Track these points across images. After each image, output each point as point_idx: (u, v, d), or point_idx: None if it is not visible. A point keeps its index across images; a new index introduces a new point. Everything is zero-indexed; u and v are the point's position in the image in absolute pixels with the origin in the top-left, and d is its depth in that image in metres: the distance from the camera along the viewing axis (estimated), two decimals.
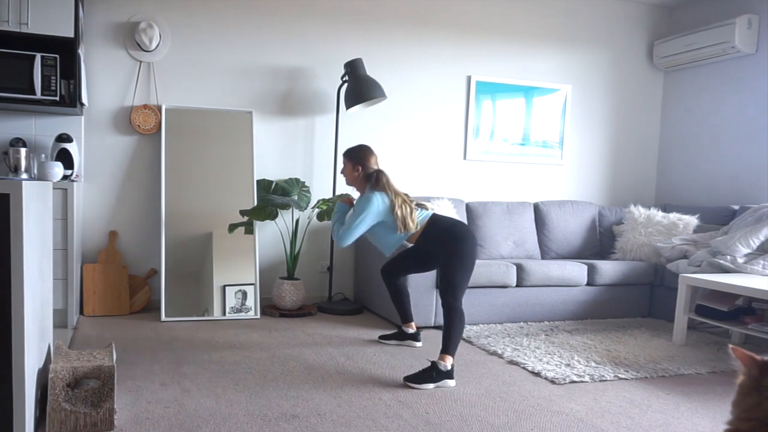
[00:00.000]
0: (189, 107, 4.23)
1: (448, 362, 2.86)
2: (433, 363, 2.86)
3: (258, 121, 4.39)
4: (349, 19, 4.54)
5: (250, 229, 4.18)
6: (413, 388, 2.79)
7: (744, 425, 1.19)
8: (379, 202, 3.07)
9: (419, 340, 3.53)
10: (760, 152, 4.59)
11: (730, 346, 1.27)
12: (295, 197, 4.29)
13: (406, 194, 3.18)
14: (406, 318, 3.56)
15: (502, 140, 5.02)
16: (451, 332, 2.91)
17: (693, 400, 2.78)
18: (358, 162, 3.21)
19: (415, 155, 4.81)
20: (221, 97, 4.31)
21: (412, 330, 3.54)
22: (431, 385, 2.81)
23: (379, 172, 3.17)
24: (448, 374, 2.85)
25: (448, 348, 2.89)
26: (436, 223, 3.12)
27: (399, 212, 3.07)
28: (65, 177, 3.63)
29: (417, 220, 3.11)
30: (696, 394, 2.87)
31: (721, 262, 3.90)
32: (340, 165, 4.51)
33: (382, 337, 3.61)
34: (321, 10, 4.47)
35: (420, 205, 3.23)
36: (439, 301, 3.94)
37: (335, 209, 3.31)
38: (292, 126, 4.49)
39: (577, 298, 4.33)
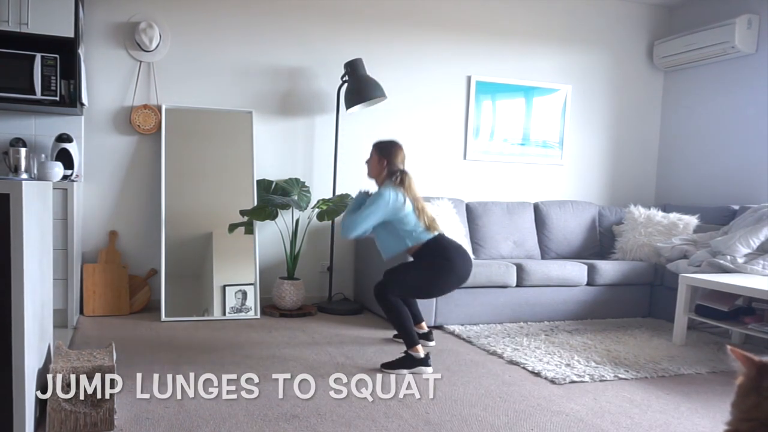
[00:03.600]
0: (189, 107, 4.23)
1: (420, 351, 3.01)
2: (407, 353, 3.02)
3: (258, 121, 4.39)
4: (349, 19, 4.54)
5: (250, 229, 4.18)
6: (389, 373, 2.97)
7: (743, 426, 1.19)
8: (391, 197, 3.08)
9: (432, 340, 3.53)
10: (760, 152, 4.59)
11: (729, 346, 1.27)
12: (295, 197, 4.29)
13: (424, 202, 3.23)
14: (416, 319, 3.53)
15: (502, 140, 5.02)
16: (397, 326, 3.06)
17: (693, 400, 2.78)
18: (386, 156, 3.21)
19: (415, 155, 4.79)
20: (221, 97, 4.31)
21: (423, 330, 3.52)
22: (405, 371, 2.97)
23: (404, 173, 3.18)
24: (423, 361, 3.01)
25: (407, 341, 3.03)
26: (438, 241, 3.16)
27: (424, 217, 3.13)
28: (65, 177, 3.63)
29: (436, 228, 3.16)
30: (696, 394, 2.87)
31: (721, 262, 3.90)
32: (340, 165, 4.53)
33: (396, 336, 3.59)
34: (321, 10, 4.47)
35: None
36: (440, 302, 3.94)
37: (353, 200, 3.31)
38: (292, 126, 4.49)
39: (577, 298, 4.33)
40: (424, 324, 3.56)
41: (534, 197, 5.13)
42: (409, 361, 3.00)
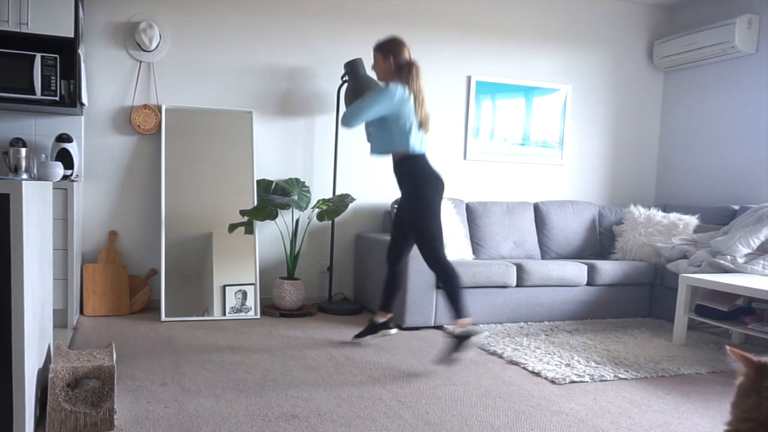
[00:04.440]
0: (189, 107, 4.23)
1: (467, 323, 3.06)
2: (459, 334, 3.04)
3: (258, 121, 4.39)
4: (349, 19, 4.54)
5: (250, 229, 4.18)
6: (460, 350, 3.02)
7: (743, 426, 1.19)
8: (398, 91, 3.05)
9: (392, 327, 3.48)
10: (760, 152, 4.60)
11: (728, 347, 1.27)
12: (295, 197, 4.29)
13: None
14: (387, 307, 3.44)
15: (502, 140, 5.02)
16: (458, 294, 3.07)
17: (693, 400, 2.78)
18: (389, 52, 3.17)
19: None
20: (221, 97, 4.31)
21: (383, 319, 3.45)
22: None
23: (412, 65, 3.13)
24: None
25: (459, 312, 3.06)
26: (423, 159, 3.15)
27: (421, 111, 3.09)
28: (65, 177, 3.63)
29: (425, 130, 3.15)
30: (696, 394, 2.87)
31: (721, 262, 3.90)
32: (340, 165, 4.53)
33: (356, 337, 3.51)
34: (321, 10, 4.47)
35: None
36: (439, 302, 3.94)
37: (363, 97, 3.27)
38: (292, 126, 4.49)
39: (577, 298, 4.33)
40: (389, 315, 3.46)
41: (534, 197, 5.13)
42: (465, 339, 3.02)
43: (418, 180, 3.12)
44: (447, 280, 3.10)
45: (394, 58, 3.16)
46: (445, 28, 4.78)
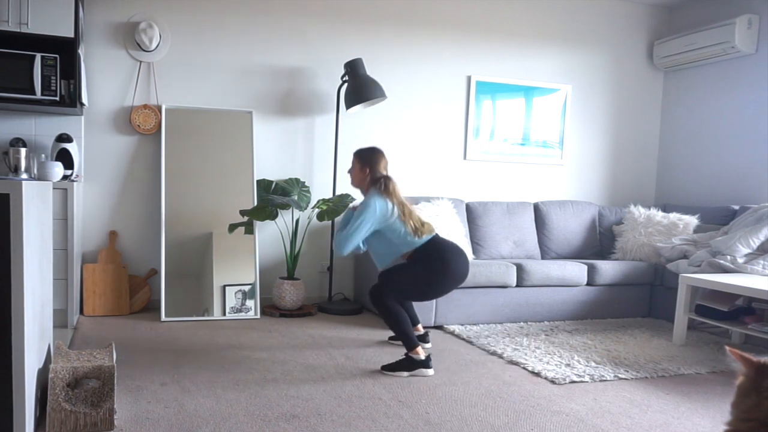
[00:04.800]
0: (189, 107, 4.23)
1: (421, 354, 2.99)
2: (407, 355, 3.00)
3: (258, 121, 4.39)
4: (349, 19, 4.54)
5: (250, 229, 4.18)
6: (389, 375, 2.95)
7: (743, 426, 1.19)
8: (378, 206, 3.04)
9: (428, 342, 3.50)
10: (760, 152, 4.60)
11: (727, 347, 1.27)
12: (295, 197, 4.29)
13: (412, 205, 3.19)
14: (412, 321, 3.52)
15: (502, 140, 5.02)
16: (396, 330, 3.03)
17: (693, 400, 2.78)
18: (367, 163, 3.19)
19: (415, 155, 4.81)
20: (221, 97, 4.31)
21: (419, 332, 3.50)
22: (405, 373, 2.96)
23: (387, 179, 3.14)
24: (423, 363, 2.98)
25: (407, 344, 3.01)
26: (433, 242, 3.12)
27: (411, 222, 3.07)
28: (65, 177, 3.63)
29: (426, 231, 3.12)
30: (696, 394, 2.87)
31: (721, 262, 3.90)
32: (340, 165, 4.53)
33: (392, 338, 3.59)
34: (321, 10, 4.47)
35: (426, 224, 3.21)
36: (439, 302, 3.95)
37: (342, 218, 3.29)
38: (292, 126, 4.49)
39: (577, 298, 4.33)
40: (420, 326, 3.54)
41: (534, 197, 5.13)
42: (409, 364, 2.98)
43: (434, 261, 3.07)
44: (386, 319, 3.06)
45: (370, 170, 3.18)
46: (445, 28, 4.78)
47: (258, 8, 4.34)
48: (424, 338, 3.50)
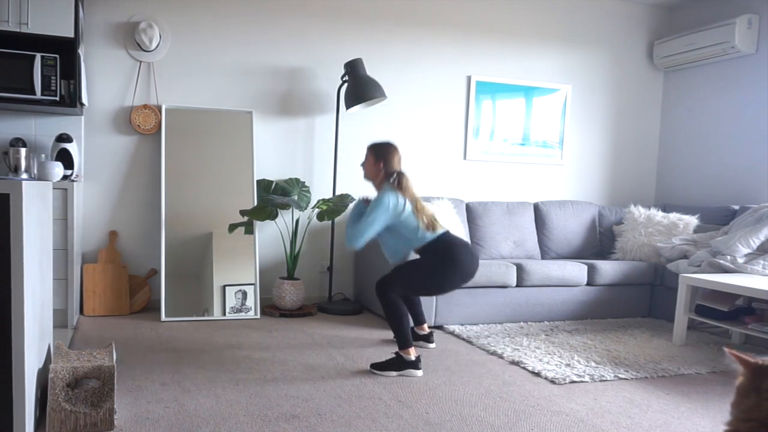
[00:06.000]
0: (189, 107, 4.23)
1: (412, 354, 2.99)
2: (398, 354, 3.00)
3: (258, 121, 4.39)
4: (349, 19, 4.54)
5: (250, 229, 4.18)
6: (377, 374, 2.96)
7: (743, 426, 1.20)
8: (391, 201, 3.04)
9: (432, 342, 3.50)
10: (760, 152, 4.59)
11: (726, 348, 1.27)
12: (295, 197, 4.29)
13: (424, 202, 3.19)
14: (418, 320, 3.53)
15: (502, 140, 5.02)
16: (393, 325, 3.02)
17: (693, 400, 2.78)
18: (382, 157, 3.18)
19: (415, 155, 4.80)
20: (221, 97, 4.31)
21: (424, 332, 3.51)
22: (394, 373, 2.97)
23: (401, 174, 3.14)
24: (413, 364, 2.98)
25: (400, 342, 3.00)
26: (444, 238, 3.12)
27: (423, 217, 3.08)
28: (65, 177, 3.63)
29: (439, 227, 3.12)
30: (696, 394, 2.87)
31: (721, 262, 3.90)
32: (340, 165, 4.53)
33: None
34: (321, 10, 4.47)
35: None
36: (440, 302, 3.94)
37: (352, 210, 3.27)
38: (292, 126, 4.49)
39: (577, 298, 4.33)
40: (425, 326, 3.54)
41: (534, 197, 5.13)
42: (399, 363, 2.97)
43: (443, 257, 3.08)
44: (387, 311, 3.05)
45: (384, 164, 3.17)
46: (445, 28, 4.78)
47: (258, 8, 4.34)
48: (428, 338, 3.50)
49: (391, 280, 3.06)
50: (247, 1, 4.31)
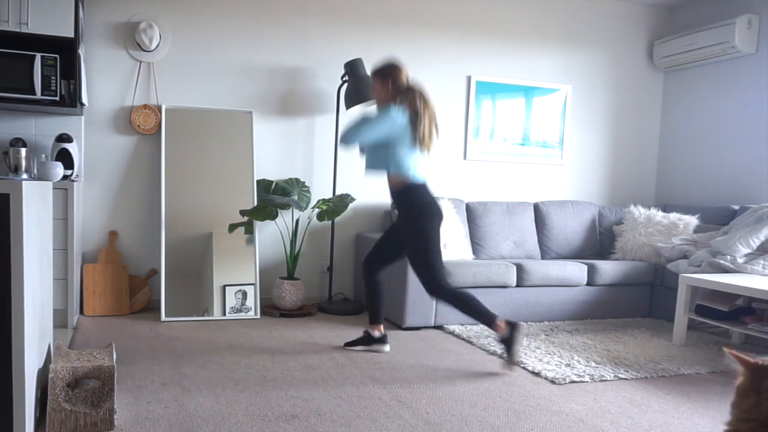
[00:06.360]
0: (189, 107, 4.23)
1: (501, 325, 3.02)
2: (502, 338, 3.06)
3: (258, 121, 4.39)
4: (349, 19, 4.54)
5: (250, 229, 4.18)
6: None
7: (743, 426, 1.20)
8: (399, 117, 2.97)
9: (386, 343, 3.36)
10: (760, 152, 4.60)
11: (726, 348, 1.27)
12: (295, 197, 4.29)
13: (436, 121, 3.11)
14: (377, 319, 3.35)
15: (502, 140, 5.02)
16: (472, 311, 3.03)
17: (693, 400, 2.78)
18: (388, 75, 3.09)
19: None
20: (221, 97, 4.31)
21: (379, 333, 3.34)
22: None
23: (415, 90, 3.05)
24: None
25: (487, 321, 3.03)
26: (423, 189, 3.07)
27: (421, 129, 3.00)
28: (65, 177, 3.63)
29: (427, 149, 3.06)
30: (696, 394, 2.87)
31: (721, 262, 3.90)
32: (340, 165, 4.53)
33: (348, 344, 3.40)
34: (321, 10, 4.47)
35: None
36: (439, 301, 3.94)
37: (359, 115, 3.16)
38: (292, 126, 4.49)
39: (577, 298, 4.33)
40: (381, 326, 3.37)
41: (534, 197, 5.13)
42: (510, 334, 3.00)
43: (418, 213, 3.05)
44: (456, 303, 3.03)
45: (393, 82, 3.09)
46: (445, 28, 4.78)
47: (258, 8, 4.34)
48: (383, 340, 3.36)
49: (430, 274, 3.03)
50: (247, 1, 4.31)
